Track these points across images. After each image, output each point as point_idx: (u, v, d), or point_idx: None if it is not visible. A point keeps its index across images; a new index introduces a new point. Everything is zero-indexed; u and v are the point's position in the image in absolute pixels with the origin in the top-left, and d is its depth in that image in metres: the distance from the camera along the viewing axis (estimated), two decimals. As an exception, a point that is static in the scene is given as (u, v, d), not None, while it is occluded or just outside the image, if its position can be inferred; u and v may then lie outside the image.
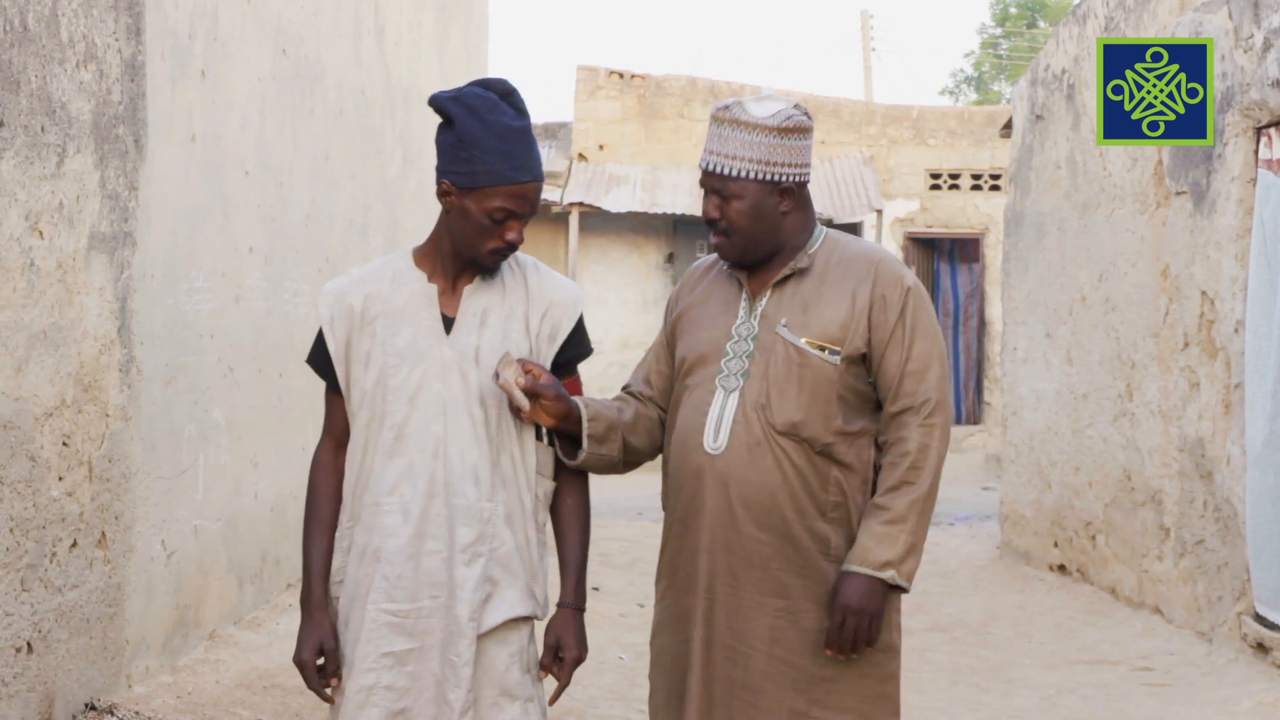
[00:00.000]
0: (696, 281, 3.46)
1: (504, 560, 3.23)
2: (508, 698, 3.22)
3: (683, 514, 3.29)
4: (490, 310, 3.26)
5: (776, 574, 3.22)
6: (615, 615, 7.77)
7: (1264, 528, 6.52)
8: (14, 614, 4.43)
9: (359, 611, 3.21)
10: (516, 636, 3.24)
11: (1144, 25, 8.25)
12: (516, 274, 3.32)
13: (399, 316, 3.25)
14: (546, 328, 3.30)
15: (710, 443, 3.24)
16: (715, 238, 3.28)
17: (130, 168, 5.22)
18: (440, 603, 3.19)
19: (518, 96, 3.22)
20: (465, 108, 3.17)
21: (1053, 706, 6.47)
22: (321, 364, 3.31)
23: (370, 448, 3.23)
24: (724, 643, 3.23)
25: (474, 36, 11.57)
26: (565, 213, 19.29)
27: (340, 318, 3.27)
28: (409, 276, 3.28)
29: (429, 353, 3.22)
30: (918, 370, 3.23)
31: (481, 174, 3.16)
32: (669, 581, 3.35)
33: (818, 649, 3.21)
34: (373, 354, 3.24)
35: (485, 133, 3.15)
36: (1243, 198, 6.94)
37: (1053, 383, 9.80)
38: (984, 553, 10.90)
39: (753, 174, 3.21)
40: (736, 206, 3.23)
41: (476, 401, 3.21)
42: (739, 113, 3.21)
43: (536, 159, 3.20)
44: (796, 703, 3.21)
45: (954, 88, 40.05)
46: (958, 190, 20.35)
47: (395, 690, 3.18)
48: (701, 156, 3.26)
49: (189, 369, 5.84)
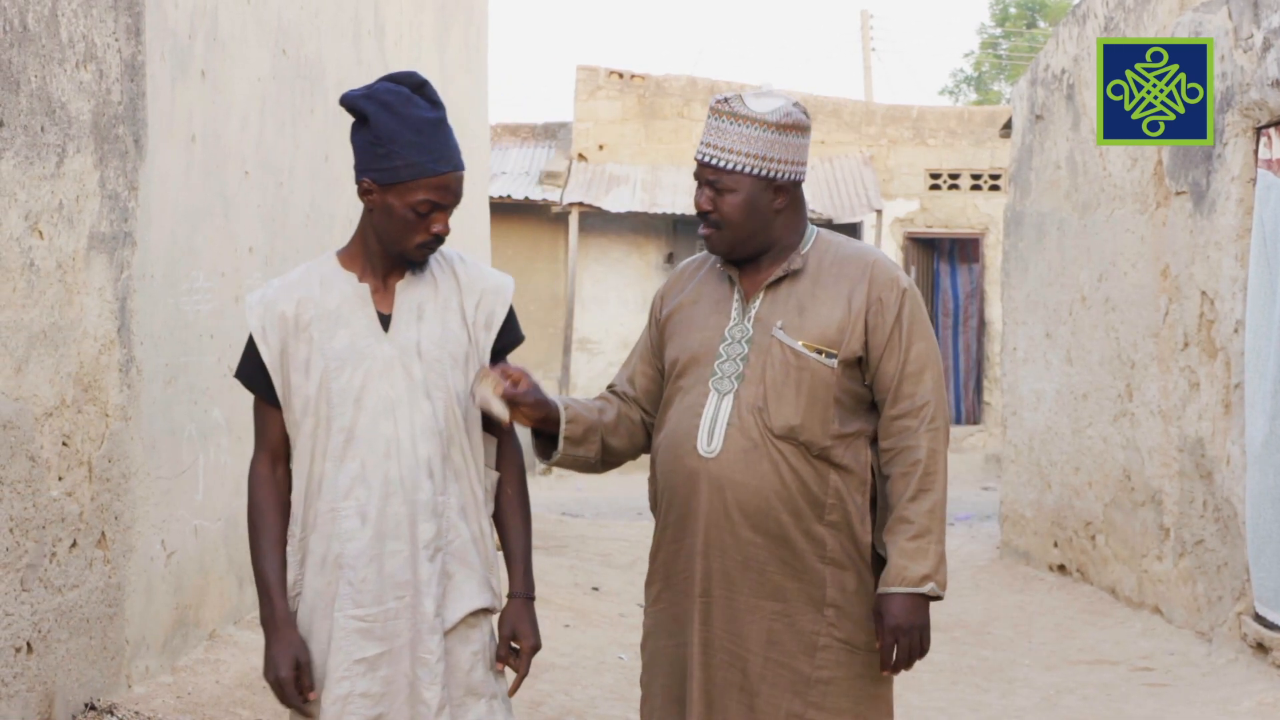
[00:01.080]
0: (685, 281, 3.43)
1: (460, 553, 3.22)
2: (473, 696, 3.23)
3: (677, 517, 3.27)
4: (425, 303, 3.25)
5: (772, 577, 3.21)
6: (615, 615, 7.77)
7: (1263, 528, 6.52)
8: (14, 614, 4.43)
9: (323, 621, 3.18)
10: (478, 634, 3.24)
11: (1144, 25, 8.25)
12: (445, 267, 3.31)
13: (334, 319, 3.21)
14: (482, 317, 3.28)
15: (704, 446, 3.22)
16: (706, 229, 3.26)
17: (130, 168, 5.22)
18: (406, 603, 3.17)
19: (430, 89, 3.19)
20: (379, 104, 3.15)
21: (1053, 706, 6.47)
22: (252, 376, 3.26)
23: (319, 454, 3.20)
24: (721, 645, 3.22)
25: (474, 36, 11.57)
26: (565, 213, 19.29)
27: (272, 326, 3.22)
28: (338, 279, 3.25)
29: (369, 352, 3.20)
30: (915, 373, 3.23)
31: (402, 169, 3.14)
32: (663, 585, 3.33)
33: (813, 651, 3.21)
34: (312, 359, 3.20)
35: (402, 127, 3.13)
36: (1243, 198, 6.94)
37: (1053, 383, 9.80)
38: (984, 553, 10.90)
39: (748, 168, 3.19)
40: (730, 200, 3.21)
41: (423, 396, 3.19)
42: (738, 107, 3.20)
43: (454, 149, 3.17)
44: (793, 705, 3.20)
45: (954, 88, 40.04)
46: (957, 190, 20.35)
47: (370, 697, 3.15)
48: (698, 148, 3.25)
49: (189, 369, 5.84)
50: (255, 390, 3.27)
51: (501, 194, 18.75)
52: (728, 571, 3.22)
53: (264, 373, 3.23)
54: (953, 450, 19.41)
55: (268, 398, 3.25)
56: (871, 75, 30.66)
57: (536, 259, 19.66)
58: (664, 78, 20.60)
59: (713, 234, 3.26)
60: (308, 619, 3.21)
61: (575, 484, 17.29)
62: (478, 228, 11.92)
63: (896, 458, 3.21)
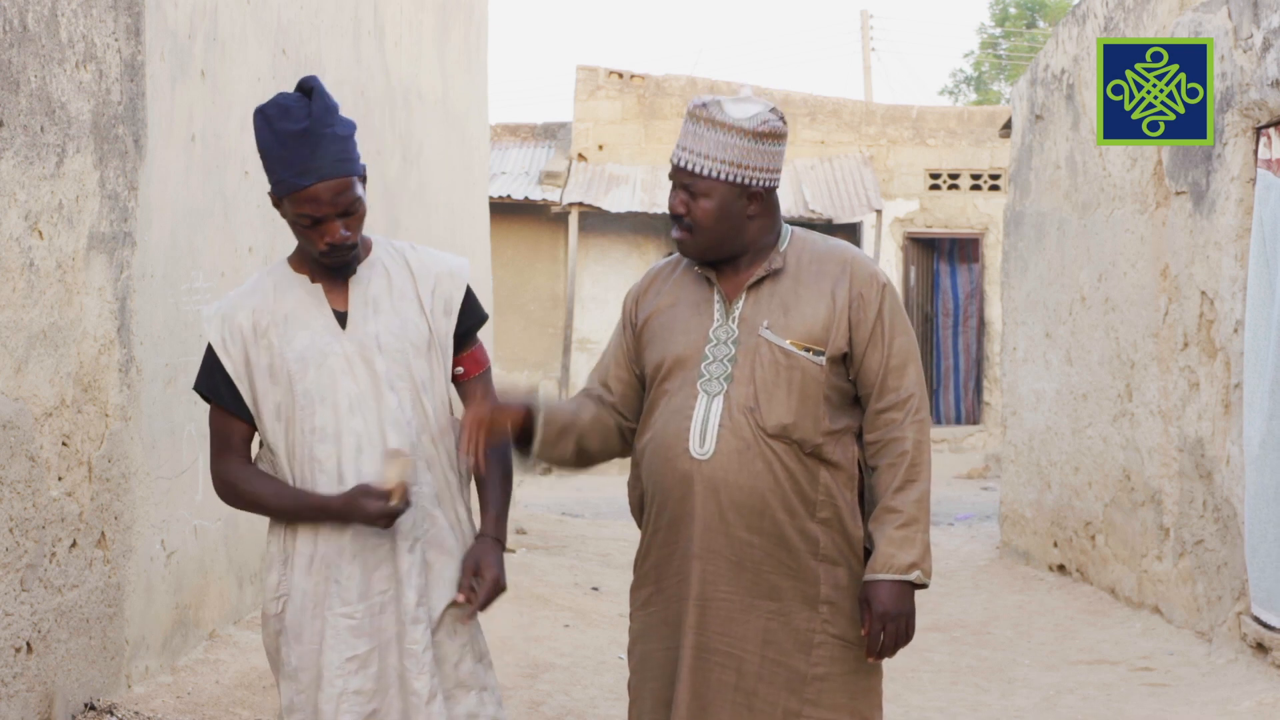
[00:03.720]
0: (659, 284, 3.42)
1: (437, 541, 3.24)
2: (462, 688, 3.25)
3: (669, 521, 3.27)
4: (380, 296, 3.27)
5: (768, 576, 3.22)
6: (615, 615, 7.76)
7: (1260, 528, 6.52)
8: (14, 614, 4.43)
9: (313, 622, 3.20)
10: (464, 627, 3.25)
11: (1144, 25, 8.25)
12: (396, 257, 3.33)
13: (291, 322, 3.24)
14: (440, 303, 3.30)
15: (697, 448, 3.22)
16: (679, 232, 3.27)
17: (130, 168, 5.22)
18: (390, 596, 3.19)
19: (316, 95, 3.18)
20: (262, 117, 3.18)
21: (1053, 706, 6.47)
22: (213, 387, 3.27)
23: (295, 457, 3.22)
24: (716, 647, 3.23)
25: (474, 36, 11.57)
26: (565, 213, 19.29)
27: (232, 338, 3.24)
28: (291, 282, 3.28)
29: (329, 350, 3.22)
30: (899, 366, 3.26)
31: (276, 184, 3.19)
32: (654, 589, 3.32)
33: (809, 649, 3.23)
34: (274, 365, 3.22)
35: (273, 141, 3.16)
36: (1242, 198, 6.94)
37: (1052, 383, 9.80)
38: (984, 553, 10.90)
39: (723, 175, 3.20)
40: (704, 205, 3.22)
41: (387, 389, 3.21)
42: (716, 112, 3.20)
43: (326, 159, 3.14)
44: (790, 703, 3.22)
45: (954, 88, 40.03)
46: (957, 190, 20.34)
47: (364, 694, 3.17)
48: (674, 152, 3.25)
49: (189, 369, 5.84)
50: (218, 400, 3.27)
51: (501, 194, 18.75)
52: (724, 572, 3.23)
53: (226, 384, 3.24)
54: (953, 450, 19.41)
55: (230, 407, 3.26)
56: (871, 75, 30.67)
57: (536, 259, 19.66)
58: (664, 78, 20.60)
59: (686, 237, 3.26)
60: (297, 620, 3.22)
61: (575, 484, 17.30)
62: (477, 228, 11.92)
63: (883, 449, 3.24)
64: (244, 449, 3.29)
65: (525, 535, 10.46)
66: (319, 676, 3.18)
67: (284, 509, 3.23)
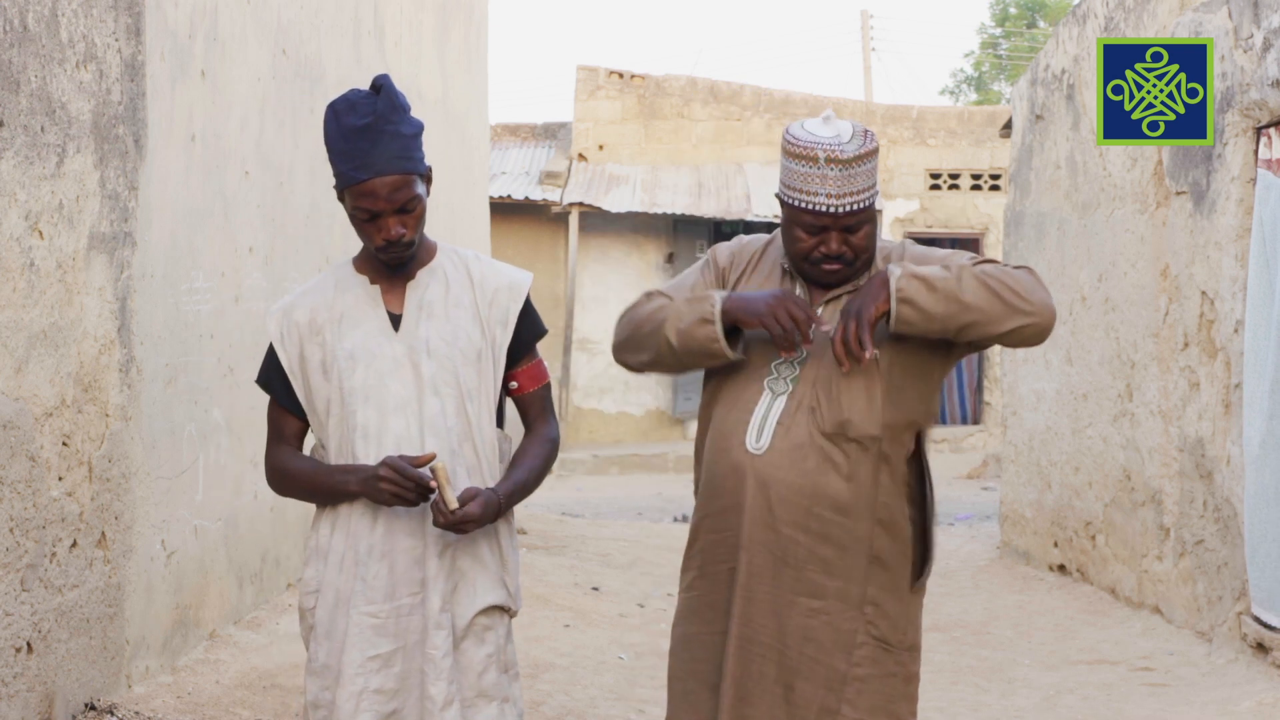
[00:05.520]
0: (752, 265, 3.44)
1: (471, 549, 3.25)
2: (484, 698, 3.25)
3: (719, 509, 3.31)
4: (435, 301, 3.30)
5: (810, 575, 3.25)
6: (615, 615, 7.76)
7: (1260, 528, 6.52)
8: (14, 614, 4.43)
9: (342, 619, 3.22)
10: (493, 636, 3.27)
11: (1144, 25, 8.25)
12: (459, 265, 3.36)
13: (345, 320, 3.29)
14: (497, 314, 3.33)
15: (753, 442, 3.25)
16: (831, 266, 3.27)
17: (130, 168, 5.22)
18: (419, 599, 3.21)
19: (386, 91, 3.21)
20: (331, 111, 3.23)
21: (1053, 706, 6.46)
22: (269, 380, 3.36)
23: (342, 453, 3.27)
24: (758, 638, 3.26)
25: (474, 36, 11.57)
26: (565, 213, 19.29)
27: (289, 333, 3.32)
28: (352, 282, 3.34)
29: (379, 350, 3.26)
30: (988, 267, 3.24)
31: (337, 176, 3.24)
32: (699, 572, 3.36)
33: (850, 649, 3.25)
34: (327, 361, 3.28)
35: (337, 135, 3.21)
36: (1242, 198, 6.94)
37: (1053, 383, 9.80)
38: (984, 553, 10.90)
39: (871, 202, 3.28)
40: (862, 234, 3.27)
41: (431, 392, 3.24)
42: (839, 153, 3.20)
43: (385, 155, 3.17)
44: (828, 700, 3.25)
45: (954, 88, 40.03)
46: (957, 190, 20.35)
47: (385, 693, 3.19)
48: (820, 201, 3.22)
49: (189, 369, 5.84)
50: (271, 393, 3.37)
51: (501, 194, 18.75)
52: (767, 566, 3.26)
53: (282, 378, 3.33)
54: (953, 450, 19.42)
55: (283, 401, 3.35)
56: (871, 75, 30.69)
57: (536, 259, 19.66)
58: (664, 78, 20.60)
59: (843, 269, 3.29)
60: (329, 616, 3.25)
61: (575, 484, 17.30)
62: (478, 228, 11.93)
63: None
64: (295, 443, 3.38)
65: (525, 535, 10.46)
66: (340, 674, 3.19)
67: (318, 486, 3.27)
